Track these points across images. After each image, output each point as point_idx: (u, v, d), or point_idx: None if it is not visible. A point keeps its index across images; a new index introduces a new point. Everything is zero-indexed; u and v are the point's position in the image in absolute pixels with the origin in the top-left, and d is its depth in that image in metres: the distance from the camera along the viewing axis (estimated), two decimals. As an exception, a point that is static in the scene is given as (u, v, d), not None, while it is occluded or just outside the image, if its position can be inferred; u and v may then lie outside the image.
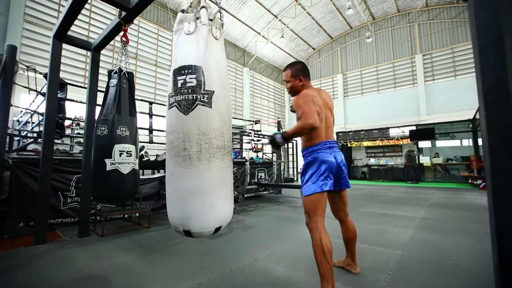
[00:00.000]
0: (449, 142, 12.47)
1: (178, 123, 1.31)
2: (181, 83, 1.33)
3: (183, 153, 1.29)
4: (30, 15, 8.21)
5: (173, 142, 1.32)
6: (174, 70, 1.37)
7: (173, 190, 1.35)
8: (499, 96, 0.65)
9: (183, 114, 1.30)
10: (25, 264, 2.24)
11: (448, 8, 14.04)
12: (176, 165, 1.30)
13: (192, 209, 1.29)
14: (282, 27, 15.75)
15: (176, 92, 1.34)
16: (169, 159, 1.35)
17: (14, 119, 6.24)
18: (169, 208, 1.39)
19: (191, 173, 1.28)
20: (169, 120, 1.37)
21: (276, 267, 2.12)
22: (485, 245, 2.58)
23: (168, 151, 1.37)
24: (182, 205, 1.31)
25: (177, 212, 1.33)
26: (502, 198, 0.63)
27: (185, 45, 1.37)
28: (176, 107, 1.32)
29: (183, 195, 1.30)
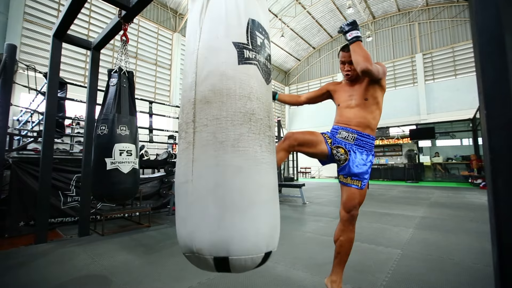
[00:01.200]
0: (449, 141, 12.47)
1: (261, 90, 0.93)
2: (260, 42, 0.98)
3: (269, 132, 0.92)
4: (30, 14, 8.21)
5: (255, 112, 0.89)
6: (251, 20, 0.97)
7: (259, 186, 0.86)
8: (500, 95, 0.65)
9: (265, 81, 0.97)
10: (26, 263, 2.24)
11: (448, 7, 14.02)
12: (262, 147, 0.88)
13: (278, 215, 0.98)
14: (282, 26, 15.73)
15: (256, 49, 0.96)
16: (246, 135, 0.86)
17: (14, 118, 6.25)
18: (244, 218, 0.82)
19: (274, 162, 0.94)
20: (247, 79, 0.91)
21: (276, 266, 2.12)
22: (485, 244, 2.58)
23: (241, 124, 0.86)
24: (270, 208, 0.92)
25: (263, 220, 0.87)
26: (502, 197, 0.63)
27: (254, 1, 1.03)
28: (258, 67, 0.94)
29: (271, 194, 0.92)
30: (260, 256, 0.82)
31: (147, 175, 5.04)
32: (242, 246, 0.78)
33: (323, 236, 2.93)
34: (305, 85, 19.74)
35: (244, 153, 0.83)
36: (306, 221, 3.81)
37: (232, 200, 0.81)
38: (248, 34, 0.95)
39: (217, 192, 0.80)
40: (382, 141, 13.26)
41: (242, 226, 0.80)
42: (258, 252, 0.81)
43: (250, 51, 0.94)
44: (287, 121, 20.22)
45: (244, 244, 0.79)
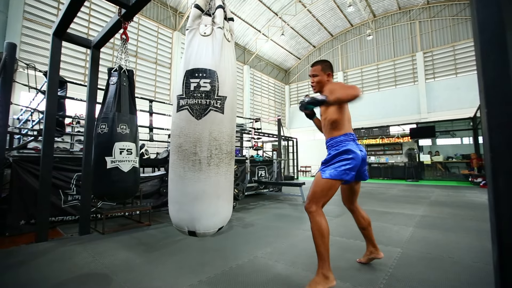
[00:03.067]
0: (449, 140, 12.46)
1: (189, 127, 1.30)
2: (194, 86, 1.31)
3: (193, 157, 1.29)
4: (30, 12, 8.19)
5: (182, 145, 1.31)
6: (187, 71, 1.33)
7: (181, 193, 1.34)
8: (501, 94, 0.65)
9: (195, 118, 1.29)
10: (27, 261, 2.25)
11: (449, 6, 13.98)
12: (185, 169, 1.31)
13: (200, 212, 1.32)
14: (283, 25, 15.69)
15: (188, 95, 1.31)
16: (177, 162, 1.34)
17: (14, 117, 6.25)
18: (173, 209, 1.39)
19: (200, 177, 1.30)
20: (179, 122, 1.34)
21: (276, 265, 2.12)
22: (485, 242, 2.59)
23: (175, 153, 1.35)
24: (190, 207, 1.32)
25: (184, 214, 1.34)
26: (503, 196, 0.63)
27: (200, 47, 1.35)
28: (188, 110, 1.30)
29: (191, 198, 1.31)
30: (185, 231, 1.36)
31: (147, 173, 5.04)
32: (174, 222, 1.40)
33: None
34: (306, 84, 19.72)
35: (174, 171, 1.36)
36: (306, 219, 3.81)
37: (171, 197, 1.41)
38: (183, 86, 1.34)
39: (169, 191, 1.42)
40: (383, 140, 13.25)
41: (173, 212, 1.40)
42: (181, 228, 1.36)
43: (183, 99, 1.33)
44: (287, 120, 20.22)
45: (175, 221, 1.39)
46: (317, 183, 1.74)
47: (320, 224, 1.65)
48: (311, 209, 1.70)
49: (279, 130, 8.25)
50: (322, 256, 1.63)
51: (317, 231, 1.64)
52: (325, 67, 1.98)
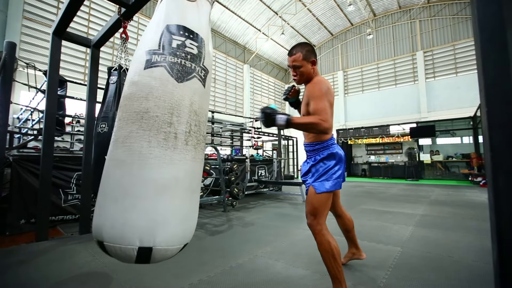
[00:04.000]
0: (449, 139, 12.46)
1: (164, 89, 0.99)
2: (177, 44, 1.06)
3: (167, 128, 0.96)
4: (29, 12, 8.18)
5: (150, 110, 0.96)
6: (168, 25, 1.07)
7: (138, 180, 0.90)
8: (501, 93, 0.65)
9: (175, 80, 1.01)
10: (27, 260, 2.25)
11: (449, 5, 13.95)
12: (151, 144, 0.93)
13: (166, 212, 0.92)
14: (283, 24, 15.67)
15: (168, 51, 1.04)
16: (137, 133, 0.94)
17: (14, 117, 6.25)
18: (114, 209, 0.89)
19: (174, 158, 0.95)
20: (148, 81, 1.00)
21: (277, 264, 2.12)
22: (485, 242, 2.59)
23: (134, 121, 0.96)
24: (150, 203, 0.89)
25: (139, 215, 0.87)
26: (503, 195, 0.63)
27: (185, 8, 1.12)
28: (166, 68, 1.02)
29: (156, 189, 0.91)
30: (131, 248, 0.84)
31: (147, 173, 5.03)
32: (110, 233, 0.84)
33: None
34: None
35: (128, 149, 0.92)
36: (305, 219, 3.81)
37: (109, 190, 0.92)
38: (160, 40, 1.06)
39: (104, 182, 0.95)
40: (383, 139, 13.25)
41: (112, 214, 0.87)
42: (127, 244, 0.83)
43: (159, 55, 1.03)
44: (287, 119, 20.20)
45: (111, 232, 0.85)
46: (314, 198, 1.56)
47: (330, 244, 1.47)
48: (317, 227, 1.51)
49: (279, 129, 8.25)
50: (337, 278, 1.45)
51: (328, 252, 1.46)
52: (307, 53, 1.61)
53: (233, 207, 4.77)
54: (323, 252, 1.48)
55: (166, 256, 0.94)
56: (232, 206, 4.80)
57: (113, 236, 0.85)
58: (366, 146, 14.54)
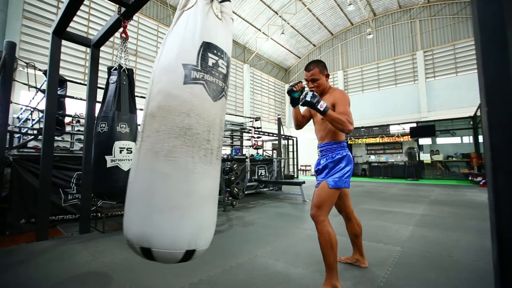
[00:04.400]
0: (449, 139, 12.46)
1: (203, 107, 1.04)
2: (212, 63, 1.10)
3: (206, 145, 1.03)
4: (29, 11, 8.17)
5: (192, 127, 1.00)
6: (204, 42, 1.09)
7: (185, 192, 0.98)
8: (501, 93, 0.65)
9: (212, 99, 1.07)
10: (27, 260, 2.25)
11: (449, 4, 13.94)
12: (195, 160, 1.00)
13: (205, 218, 1.04)
14: (283, 24, 15.66)
15: (206, 69, 1.08)
16: (181, 149, 0.98)
17: (14, 116, 6.25)
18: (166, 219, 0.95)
19: (210, 172, 1.05)
20: (189, 97, 1.02)
21: (277, 263, 2.13)
22: (485, 241, 2.59)
23: (175, 137, 0.99)
24: (194, 212, 1.00)
25: (186, 223, 0.98)
26: (503, 194, 0.63)
27: (216, 24, 1.16)
28: (204, 86, 1.06)
29: (197, 199, 1.01)
30: (180, 252, 0.95)
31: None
32: (161, 241, 0.93)
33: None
34: (305, 83, 19.68)
35: (174, 163, 0.98)
36: (306, 218, 3.81)
37: (154, 201, 0.96)
38: (198, 56, 1.08)
39: (147, 194, 0.97)
40: (383, 139, 13.25)
41: (162, 224, 0.95)
42: (177, 249, 0.95)
43: (198, 72, 1.06)
44: (287, 119, 20.20)
45: (163, 240, 0.93)
46: (325, 192, 1.69)
47: (330, 234, 1.61)
48: (320, 218, 1.65)
49: (279, 129, 8.25)
50: (331, 266, 1.61)
51: (327, 242, 1.60)
52: (322, 68, 1.89)
53: (233, 207, 4.77)
54: (322, 241, 1.62)
55: (199, 255, 1.06)
56: (232, 206, 4.80)
57: (164, 243, 0.94)
58: (366, 145, 14.53)
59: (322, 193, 1.69)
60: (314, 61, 1.93)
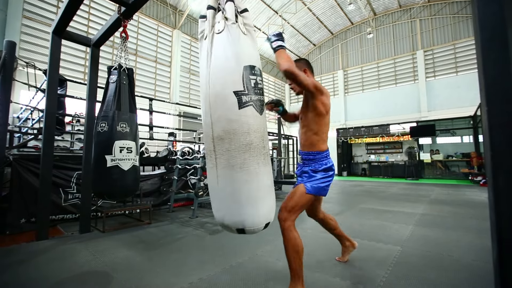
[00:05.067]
0: (449, 138, 12.46)
1: (256, 123, 1.33)
2: (253, 83, 1.34)
3: (263, 151, 1.36)
4: (29, 10, 8.16)
5: (253, 142, 1.32)
6: (245, 67, 1.33)
7: (259, 189, 1.35)
8: (502, 92, 0.65)
9: (259, 113, 1.35)
10: (27, 259, 2.25)
11: (450, 4, 13.92)
12: (259, 164, 1.34)
13: (272, 203, 1.42)
14: (283, 23, 15.64)
15: (251, 91, 1.33)
16: (250, 159, 1.32)
17: (14, 116, 6.25)
18: (253, 211, 1.34)
19: (268, 170, 1.41)
20: (246, 119, 1.31)
21: (277, 263, 2.13)
22: (485, 241, 2.59)
23: (245, 151, 1.31)
24: (267, 201, 1.38)
25: (264, 209, 1.37)
26: (503, 194, 0.63)
27: (247, 44, 1.39)
28: (253, 106, 1.33)
29: (266, 191, 1.38)
30: (262, 226, 1.37)
31: (147, 172, 5.05)
32: (251, 222, 1.33)
33: (322, 233, 2.92)
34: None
35: (248, 171, 1.31)
36: (306, 218, 3.80)
37: (242, 199, 1.33)
38: (243, 81, 1.31)
39: (234, 195, 1.33)
40: (383, 138, 13.25)
41: (251, 212, 1.33)
42: (260, 225, 1.36)
43: (246, 96, 1.31)
44: (287, 118, 20.18)
45: (252, 221, 1.33)
46: (300, 195, 1.66)
47: (297, 240, 1.59)
48: (288, 222, 1.62)
49: (279, 128, 8.25)
50: (296, 272, 1.58)
51: (292, 247, 1.58)
52: (300, 65, 1.82)
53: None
54: (289, 246, 1.60)
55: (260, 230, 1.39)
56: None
57: (254, 224, 1.33)
58: (366, 145, 14.53)
59: (296, 197, 1.67)
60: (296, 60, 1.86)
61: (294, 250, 1.58)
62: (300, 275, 1.59)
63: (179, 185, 4.77)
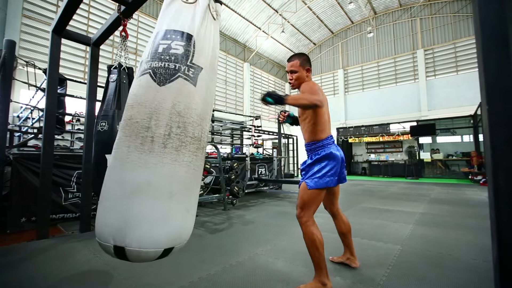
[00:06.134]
0: (449, 138, 12.45)
1: (146, 94, 1.04)
2: (163, 48, 1.09)
3: (144, 133, 0.99)
4: (29, 9, 8.15)
5: (133, 117, 1.02)
6: (157, 33, 1.15)
7: (116, 183, 0.98)
8: (502, 91, 0.64)
9: (157, 84, 1.04)
10: (28, 258, 2.26)
11: (450, 3, 13.89)
12: (130, 149, 0.98)
13: (137, 214, 0.92)
14: (283, 22, 15.62)
15: (154, 57, 1.09)
16: (121, 139, 1.03)
17: (14, 115, 6.24)
18: (100, 210, 1.00)
19: (148, 161, 0.96)
20: (135, 90, 1.08)
21: (276, 262, 2.13)
22: (485, 240, 2.59)
23: (121, 129, 1.05)
24: (123, 204, 0.94)
25: (113, 215, 0.94)
26: (503, 193, 0.63)
27: (179, 11, 1.17)
28: (150, 74, 1.06)
29: (128, 191, 0.94)
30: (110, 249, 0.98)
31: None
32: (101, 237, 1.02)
33: (322, 232, 2.92)
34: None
35: (115, 154, 1.06)
36: (306, 217, 3.82)
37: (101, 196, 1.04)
38: (150, 48, 1.13)
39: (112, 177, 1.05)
40: (383, 137, 13.24)
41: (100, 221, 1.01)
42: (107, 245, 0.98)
43: (147, 63, 1.10)
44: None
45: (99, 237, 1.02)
46: (304, 193, 1.69)
47: (314, 235, 1.61)
48: (304, 218, 1.66)
49: (279, 128, 8.24)
50: (319, 266, 1.61)
51: (312, 242, 1.61)
52: (303, 61, 1.83)
53: (233, 206, 4.78)
54: (307, 241, 1.63)
55: (140, 258, 0.95)
56: (233, 205, 4.80)
57: (99, 233, 0.99)
58: (366, 144, 14.53)
59: (303, 195, 1.70)
60: (297, 54, 1.88)
61: (313, 244, 1.60)
62: (323, 267, 1.61)
63: (179, 184, 4.76)
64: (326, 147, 1.74)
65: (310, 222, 1.65)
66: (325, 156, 1.71)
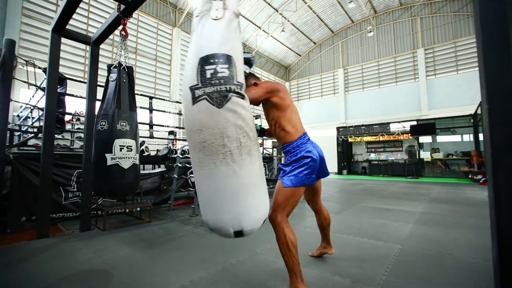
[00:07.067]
0: (449, 137, 12.45)
1: (210, 119, 1.20)
2: (210, 73, 1.20)
3: (222, 149, 1.21)
4: (28, 9, 8.14)
5: (206, 140, 1.21)
6: (200, 59, 1.22)
7: (217, 191, 1.25)
8: (502, 90, 0.64)
9: (216, 107, 1.19)
10: (28, 257, 2.26)
11: (451, 2, 13.86)
12: (216, 164, 1.21)
13: (243, 207, 1.26)
14: (283, 21, 15.60)
15: (205, 83, 1.20)
16: (204, 159, 1.23)
17: (14, 114, 6.24)
18: (209, 212, 1.30)
19: (236, 170, 1.23)
20: (197, 116, 1.22)
21: (276, 261, 2.13)
22: (484, 239, 2.60)
23: (198, 151, 1.24)
24: (230, 204, 1.25)
25: (226, 214, 1.25)
26: (503, 192, 0.63)
27: (213, 31, 1.25)
28: (207, 100, 1.19)
29: (230, 194, 1.24)
30: (230, 232, 1.29)
31: (147, 170, 5.05)
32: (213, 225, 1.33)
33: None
34: (306, 81, 19.64)
35: (202, 171, 1.27)
36: (305, 216, 3.82)
37: (202, 200, 1.35)
38: (198, 75, 1.22)
39: (200, 196, 1.35)
40: (383, 137, 13.24)
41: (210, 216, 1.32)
42: (227, 230, 1.29)
43: (200, 89, 1.21)
44: (287, 117, 20.16)
45: (214, 225, 1.33)
46: (279, 192, 1.64)
47: (286, 236, 1.55)
48: (276, 220, 1.59)
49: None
50: (292, 269, 1.55)
51: (284, 244, 1.54)
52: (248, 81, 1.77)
53: (233, 205, 4.78)
54: (279, 243, 1.58)
55: (253, 232, 1.36)
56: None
57: (217, 227, 1.32)
58: (366, 143, 14.53)
59: (277, 193, 1.66)
60: None
61: (284, 246, 1.54)
62: (297, 271, 1.55)
63: (179, 184, 4.77)
64: (301, 146, 1.70)
65: (284, 222, 1.59)
66: (303, 156, 1.67)
